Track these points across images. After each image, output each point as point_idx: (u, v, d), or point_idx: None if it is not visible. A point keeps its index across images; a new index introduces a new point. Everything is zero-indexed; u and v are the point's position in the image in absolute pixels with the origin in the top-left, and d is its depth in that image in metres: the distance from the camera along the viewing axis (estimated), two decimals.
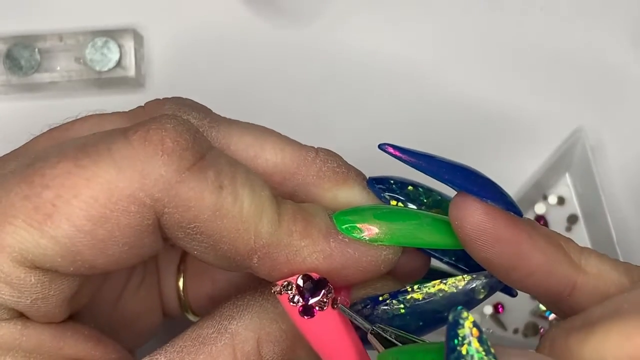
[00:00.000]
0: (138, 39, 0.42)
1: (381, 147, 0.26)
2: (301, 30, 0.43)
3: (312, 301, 0.24)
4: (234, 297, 0.26)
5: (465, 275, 0.25)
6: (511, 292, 0.30)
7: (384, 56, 0.43)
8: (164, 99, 0.27)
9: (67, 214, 0.23)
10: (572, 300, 0.25)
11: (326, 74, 0.43)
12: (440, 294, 0.25)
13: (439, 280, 0.25)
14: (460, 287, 0.25)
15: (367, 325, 0.25)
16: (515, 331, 0.41)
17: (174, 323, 0.33)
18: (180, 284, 0.32)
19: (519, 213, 0.26)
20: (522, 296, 0.42)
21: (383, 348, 0.24)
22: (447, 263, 0.28)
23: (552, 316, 0.41)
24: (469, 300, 0.25)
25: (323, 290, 0.24)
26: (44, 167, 0.24)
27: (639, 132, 0.43)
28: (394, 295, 0.25)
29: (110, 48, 0.41)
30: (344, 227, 0.25)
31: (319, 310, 0.24)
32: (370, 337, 0.25)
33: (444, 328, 0.20)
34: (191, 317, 0.33)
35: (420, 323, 0.25)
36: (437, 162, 0.26)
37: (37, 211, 0.23)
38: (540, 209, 0.42)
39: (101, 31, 0.41)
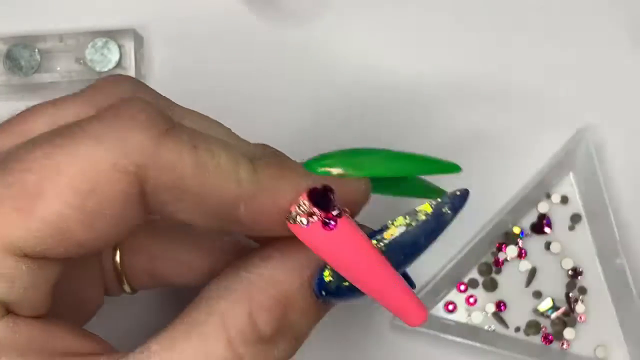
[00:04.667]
0: (138, 39, 0.42)
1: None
2: (301, 30, 0.43)
3: (331, 211, 0.23)
4: (215, 279, 0.26)
5: (430, 202, 0.26)
6: None
7: (384, 56, 0.43)
8: (118, 76, 0.28)
9: (55, 192, 0.23)
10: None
11: (326, 74, 0.42)
12: (414, 224, 0.26)
13: (409, 212, 0.26)
14: (429, 213, 0.26)
15: None
16: (517, 329, 0.41)
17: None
18: (117, 258, 0.32)
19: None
20: (525, 294, 0.42)
21: None
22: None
23: (554, 314, 0.41)
24: (440, 223, 0.26)
25: (333, 196, 0.24)
26: (19, 153, 0.24)
27: None
28: (371, 235, 0.26)
29: (110, 48, 0.41)
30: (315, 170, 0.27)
31: (338, 217, 0.24)
32: None
33: None
34: (127, 289, 0.33)
35: (402, 257, 0.26)
36: None
37: (24, 195, 0.23)
38: (543, 207, 0.42)
39: (101, 32, 0.41)
